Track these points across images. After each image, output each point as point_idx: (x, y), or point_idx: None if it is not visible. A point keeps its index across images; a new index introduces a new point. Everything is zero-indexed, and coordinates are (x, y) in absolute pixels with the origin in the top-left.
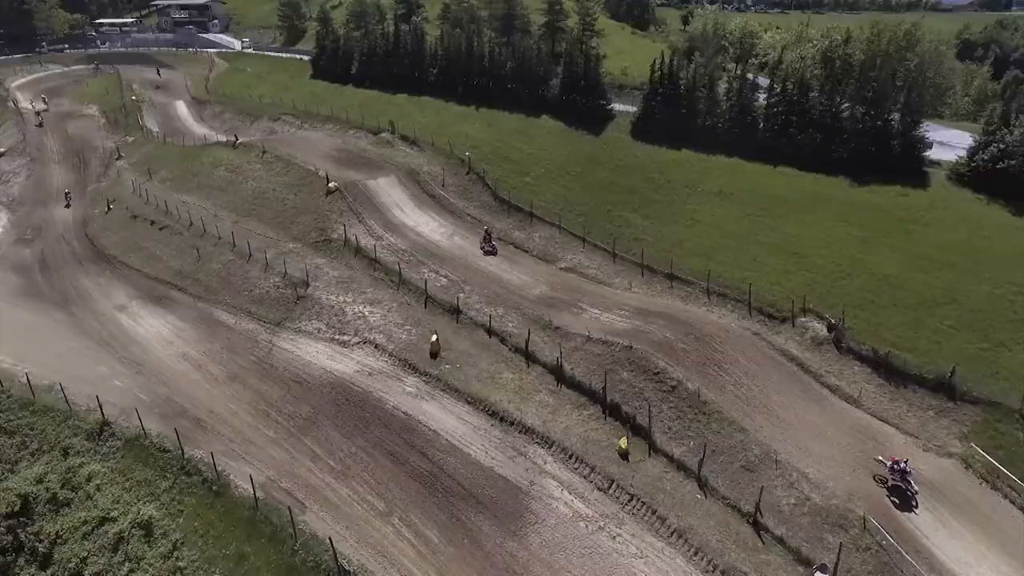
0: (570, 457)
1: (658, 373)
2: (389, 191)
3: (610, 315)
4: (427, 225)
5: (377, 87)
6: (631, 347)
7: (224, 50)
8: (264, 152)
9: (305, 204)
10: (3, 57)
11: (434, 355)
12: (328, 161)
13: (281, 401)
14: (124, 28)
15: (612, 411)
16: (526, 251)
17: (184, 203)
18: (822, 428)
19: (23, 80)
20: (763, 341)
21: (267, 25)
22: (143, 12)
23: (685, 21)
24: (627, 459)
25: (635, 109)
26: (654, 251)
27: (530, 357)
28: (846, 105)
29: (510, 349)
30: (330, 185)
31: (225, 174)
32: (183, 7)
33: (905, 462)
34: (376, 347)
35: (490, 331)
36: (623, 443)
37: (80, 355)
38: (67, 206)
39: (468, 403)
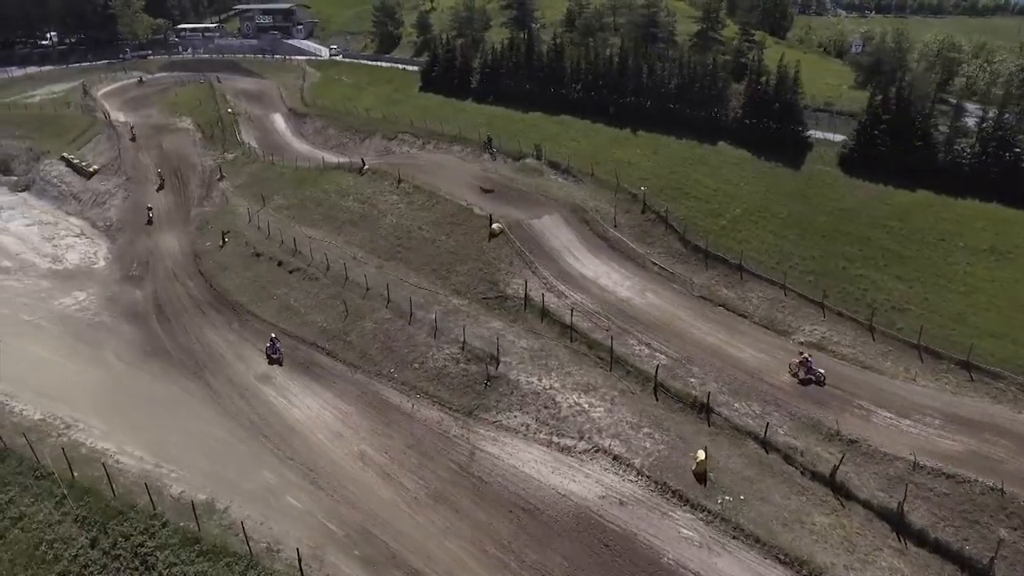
0: None
1: None
2: (556, 233)
3: (916, 424)
4: (609, 277)
5: (504, 103)
6: (1001, 491)
7: (312, 57)
8: (400, 181)
9: (463, 248)
10: (86, 63)
11: (700, 478)
12: (474, 193)
13: (515, 542)
14: (206, 33)
15: None
16: (743, 315)
17: (311, 239)
18: None
19: (108, 88)
20: None
21: (353, 31)
22: (222, 16)
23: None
24: None
25: (834, 137)
26: (928, 325)
27: (841, 490)
28: None
29: (804, 474)
30: (494, 227)
31: (355, 205)
32: (267, 12)
33: None
34: (615, 459)
35: (765, 443)
36: None
37: (233, 451)
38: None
39: (780, 561)
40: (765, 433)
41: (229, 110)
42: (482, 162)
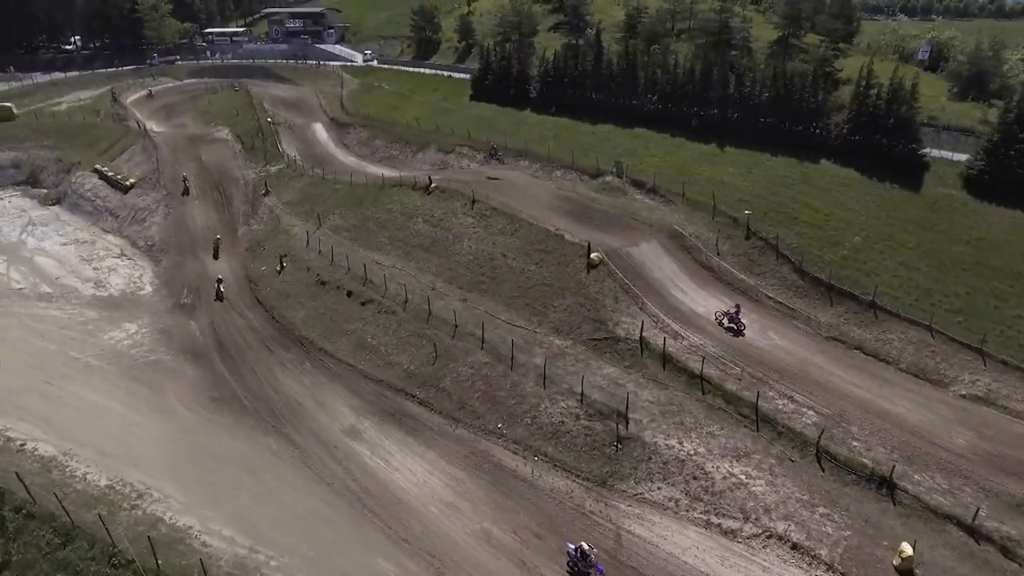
0: None
1: None
2: (658, 262)
3: None
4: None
5: (568, 114)
6: None
7: (347, 63)
8: (474, 201)
9: (558, 280)
10: (112, 69)
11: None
12: (558, 215)
13: None
14: (234, 38)
15: None
16: (886, 361)
17: (380, 265)
18: None
19: (137, 96)
20: None
21: (387, 36)
22: (247, 20)
23: None
24: None
25: (952, 156)
26: None
27: None
28: None
29: None
30: (592, 256)
31: (426, 228)
32: (296, 15)
33: None
34: (795, 548)
35: (972, 530)
36: None
37: (337, 531)
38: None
39: None
40: (974, 518)
41: (269, 119)
42: (556, 179)
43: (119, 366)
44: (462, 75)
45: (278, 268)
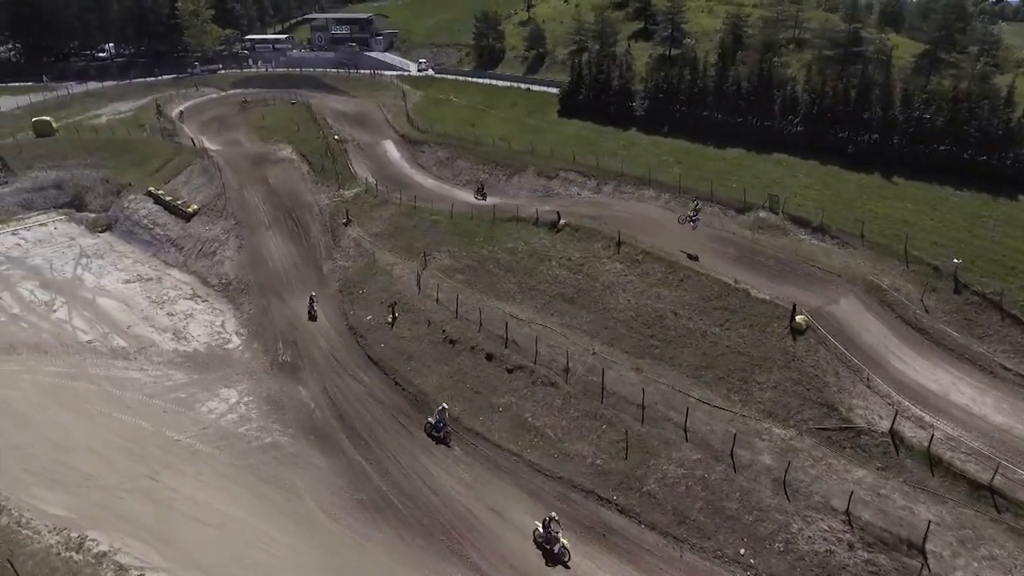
0: None
1: None
2: (863, 324)
3: None
4: (959, 390)
5: (683, 135)
6: None
7: (402, 73)
8: (619, 243)
9: (756, 347)
10: (151, 79)
11: None
12: (721, 260)
13: None
14: (277, 45)
15: None
16: None
17: (517, 320)
18: None
19: (183, 107)
20: None
21: (441, 43)
22: (284, 25)
23: None
24: None
25: None
26: None
27: None
28: None
29: None
30: (798, 319)
31: (564, 275)
32: (342, 21)
33: None
34: None
35: None
36: None
37: None
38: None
39: None
40: None
41: (336, 137)
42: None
43: (231, 452)
44: (541, 88)
45: (389, 319)
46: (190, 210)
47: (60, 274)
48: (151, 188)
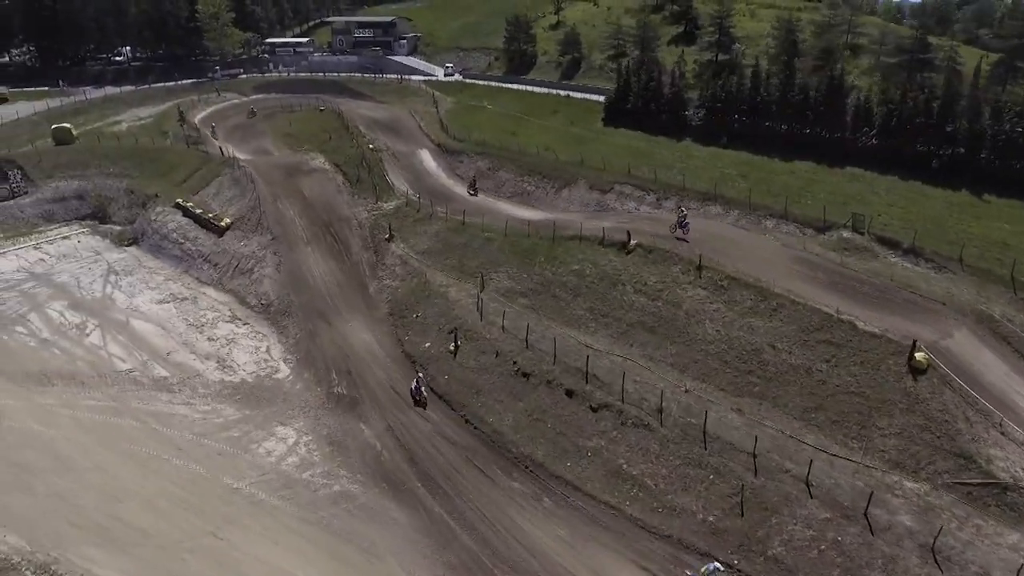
0: None
1: None
2: (983, 360)
3: None
4: None
5: (744, 147)
6: None
7: (430, 78)
8: (700, 268)
9: (871, 387)
10: (170, 83)
11: None
12: (813, 286)
13: None
14: (298, 49)
15: None
16: None
17: (594, 351)
18: None
19: (206, 113)
20: None
21: (467, 47)
22: (302, 28)
23: None
24: None
25: None
26: None
27: None
28: None
29: None
30: (918, 357)
31: (641, 301)
32: (364, 24)
33: None
34: None
35: None
36: None
37: None
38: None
39: None
40: None
41: (371, 147)
42: (770, 232)
43: (297, 503)
44: (582, 95)
45: (451, 347)
46: (223, 224)
47: (89, 293)
48: (179, 200)
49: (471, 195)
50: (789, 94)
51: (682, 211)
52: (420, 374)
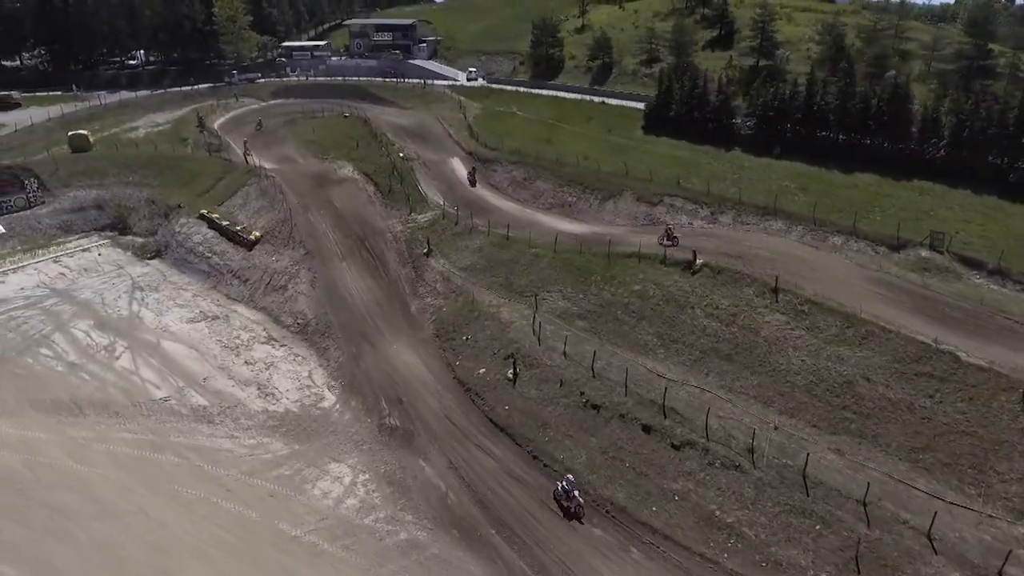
0: None
1: None
2: None
3: None
4: None
5: (799, 158)
6: None
7: (453, 82)
8: (776, 290)
9: (984, 426)
10: (187, 88)
11: None
12: (898, 310)
13: None
14: (316, 53)
15: None
16: None
17: (669, 381)
18: None
19: (225, 119)
20: None
21: (489, 51)
22: (317, 31)
23: None
24: None
25: None
26: None
27: None
28: None
29: None
30: None
31: (714, 326)
32: (383, 28)
33: None
34: None
35: None
36: None
37: None
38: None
39: None
40: None
41: (401, 155)
42: (839, 250)
43: (363, 553)
44: (617, 101)
45: (510, 374)
46: (252, 237)
47: (115, 311)
48: (204, 211)
49: (471, 186)
50: (849, 103)
51: (668, 227)
52: (570, 475)
